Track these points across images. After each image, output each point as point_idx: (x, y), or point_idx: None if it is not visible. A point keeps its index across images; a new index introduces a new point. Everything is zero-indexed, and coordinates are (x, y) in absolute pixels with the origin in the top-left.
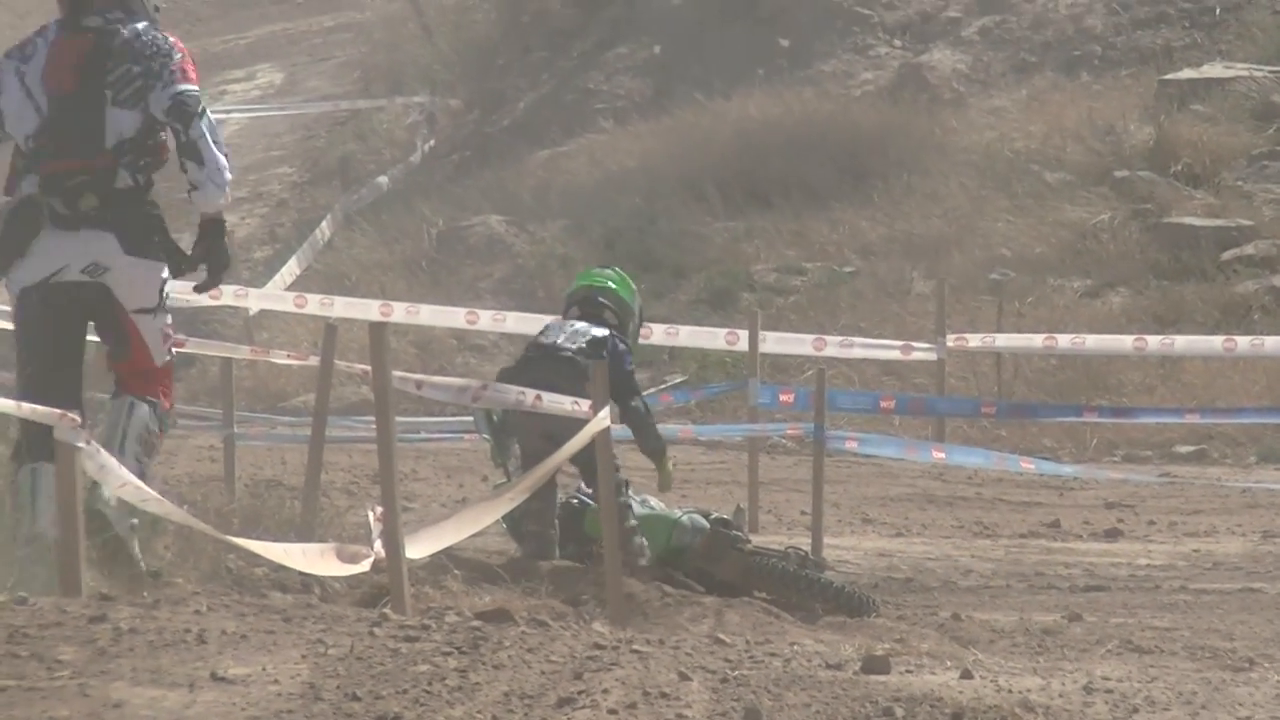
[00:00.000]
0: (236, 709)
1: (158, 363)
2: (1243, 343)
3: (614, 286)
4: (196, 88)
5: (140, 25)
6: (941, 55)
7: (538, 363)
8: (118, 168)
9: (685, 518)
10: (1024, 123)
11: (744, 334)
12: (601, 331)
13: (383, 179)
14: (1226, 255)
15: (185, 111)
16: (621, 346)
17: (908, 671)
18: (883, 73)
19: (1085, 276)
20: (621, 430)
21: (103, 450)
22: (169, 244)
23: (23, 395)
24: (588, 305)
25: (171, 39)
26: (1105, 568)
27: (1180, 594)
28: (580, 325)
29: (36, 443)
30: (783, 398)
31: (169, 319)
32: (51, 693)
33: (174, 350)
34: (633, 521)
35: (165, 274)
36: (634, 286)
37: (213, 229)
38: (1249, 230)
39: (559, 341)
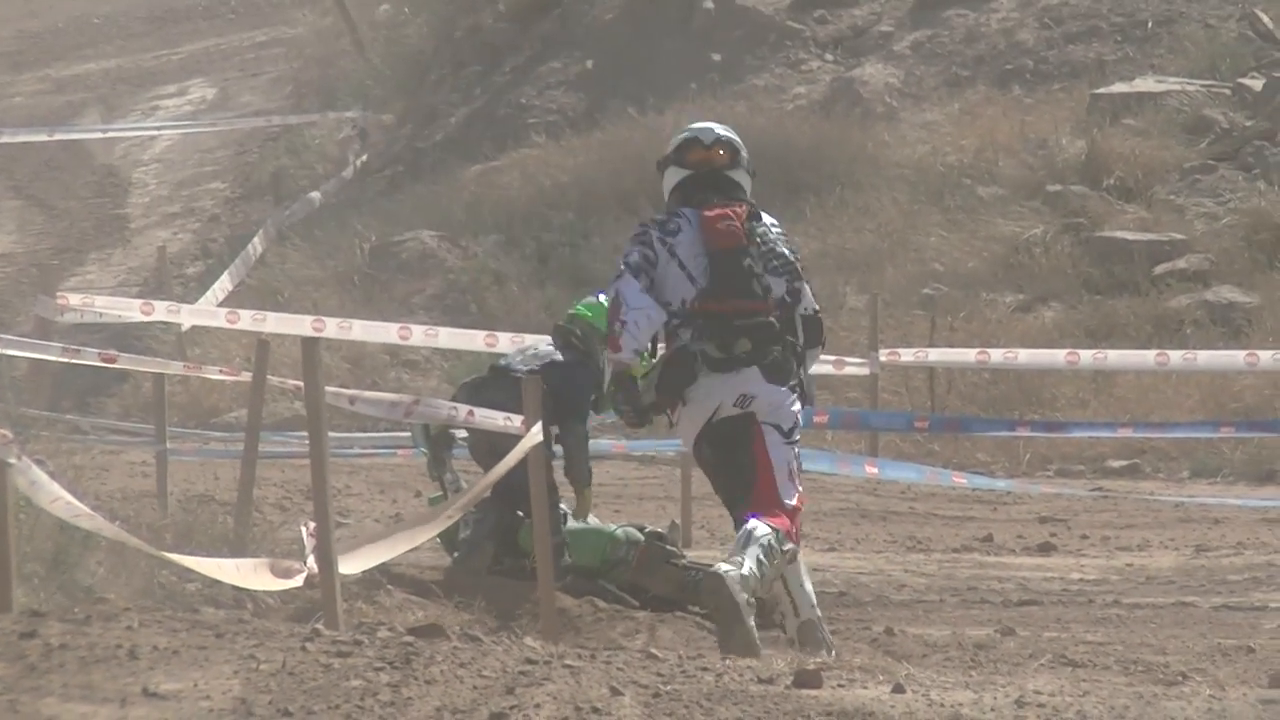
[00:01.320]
0: None
1: (785, 498)
2: (1175, 357)
3: (587, 314)
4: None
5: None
6: (874, 69)
7: (490, 383)
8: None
9: (620, 531)
10: (956, 137)
11: None
12: (561, 356)
13: (315, 194)
14: (1159, 269)
15: (814, 329)
16: (580, 372)
17: (840, 686)
18: (815, 87)
19: (1018, 291)
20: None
21: (34, 466)
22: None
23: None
24: (558, 334)
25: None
26: (1038, 582)
27: (1113, 608)
28: (543, 349)
29: None
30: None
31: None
32: None
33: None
34: (562, 535)
35: (797, 407)
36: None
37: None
38: (1181, 244)
39: (513, 363)
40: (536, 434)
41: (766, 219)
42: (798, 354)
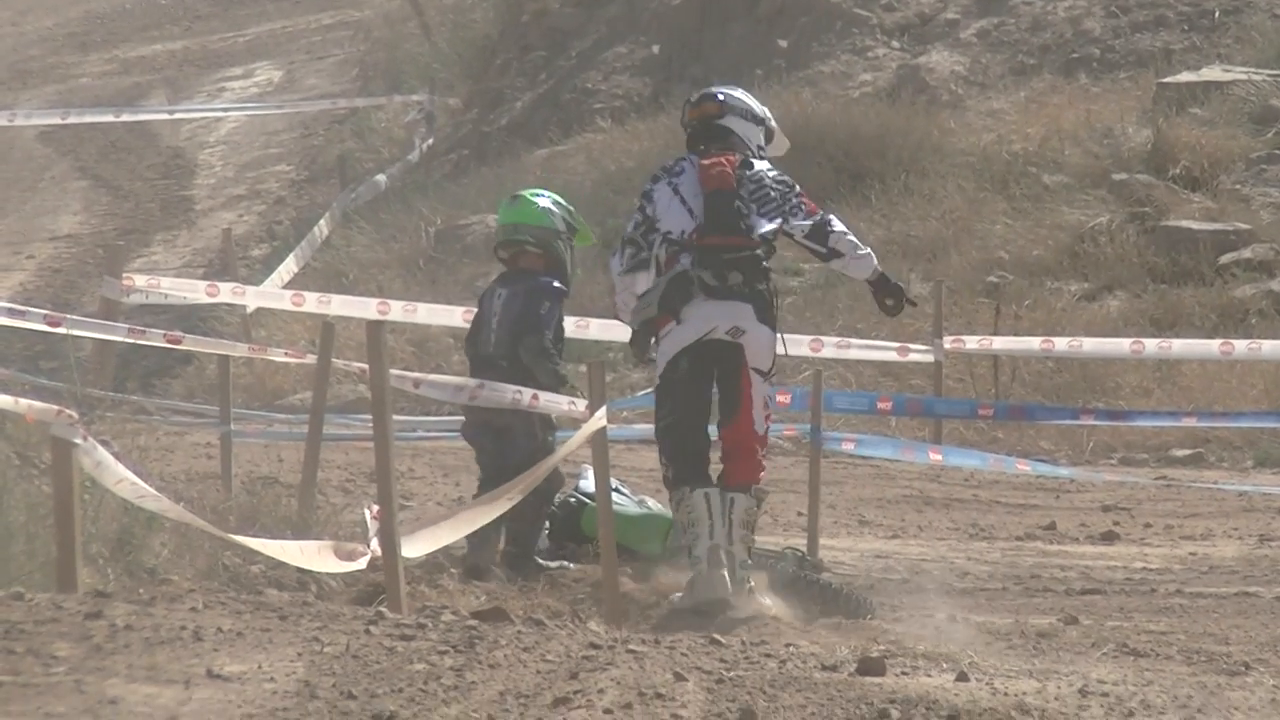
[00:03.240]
0: (232, 706)
1: (758, 429)
2: (1240, 346)
3: (528, 220)
4: (819, 214)
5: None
6: (940, 57)
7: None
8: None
9: None
10: (1022, 125)
11: None
12: (517, 301)
13: (381, 177)
14: (1224, 259)
15: (821, 232)
16: (541, 289)
17: (903, 673)
18: (881, 74)
19: (1083, 279)
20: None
21: (99, 446)
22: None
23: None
24: (510, 246)
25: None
26: (1101, 570)
27: (1176, 597)
28: (500, 310)
29: (690, 466)
30: (780, 398)
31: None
32: (47, 689)
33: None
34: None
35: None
36: (549, 198)
37: (880, 282)
38: (1246, 234)
39: (491, 351)
40: (600, 418)
41: (760, 165)
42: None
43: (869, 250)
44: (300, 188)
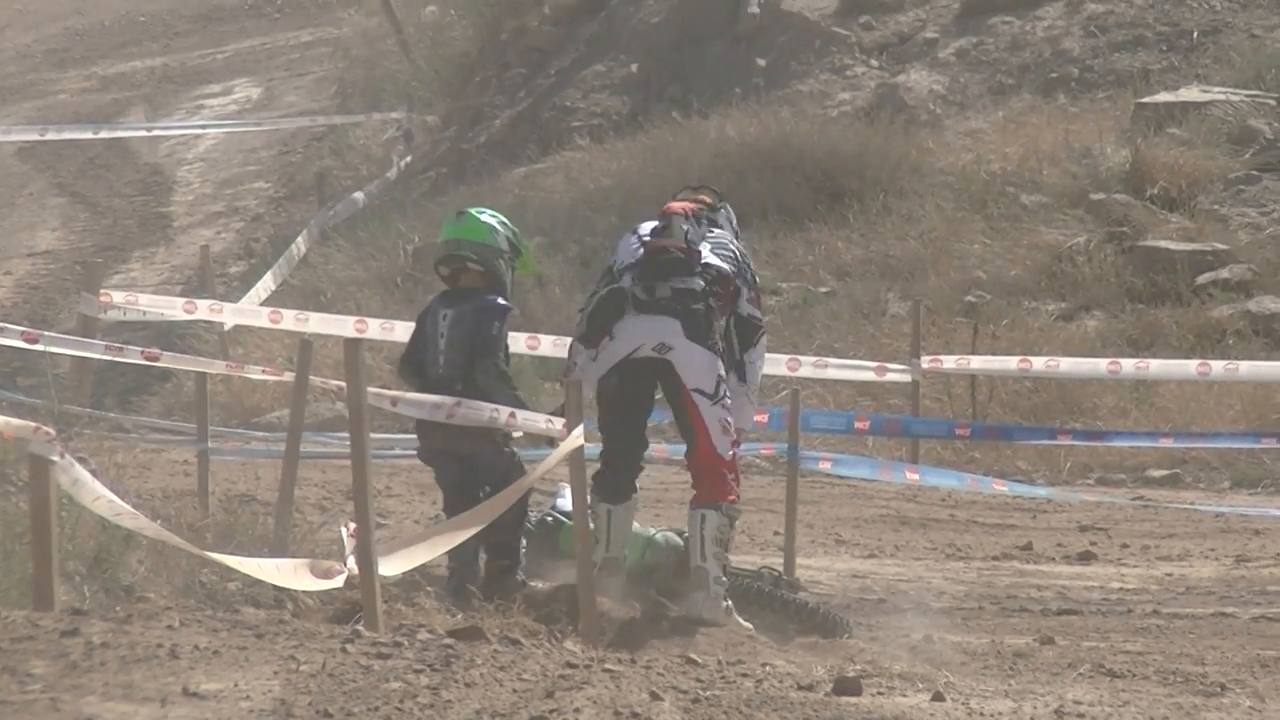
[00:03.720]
0: None
1: (722, 453)
2: (1217, 367)
3: (472, 236)
4: (761, 316)
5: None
6: (918, 76)
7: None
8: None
9: (660, 536)
10: (1000, 145)
11: None
12: (466, 321)
13: (359, 195)
14: (1202, 279)
15: (748, 331)
16: (491, 307)
17: (879, 693)
18: (860, 93)
19: (1060, 299)
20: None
21: (76, 464)
22: None
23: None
24: (452, 262)
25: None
26: (1078, 591)
27: (1153, 618)
28: (448, 331)
29: (608, 483)
30: (757, 418)
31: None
32: (23, 706)
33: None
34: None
35: (719, 369)
36: (495, 218)
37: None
38: (1225, 254)
39: (442, 373)
40: (577, 437)
41: (722, 230)
42: (718, 325)
43: (755, 402)
44: (278, 205)
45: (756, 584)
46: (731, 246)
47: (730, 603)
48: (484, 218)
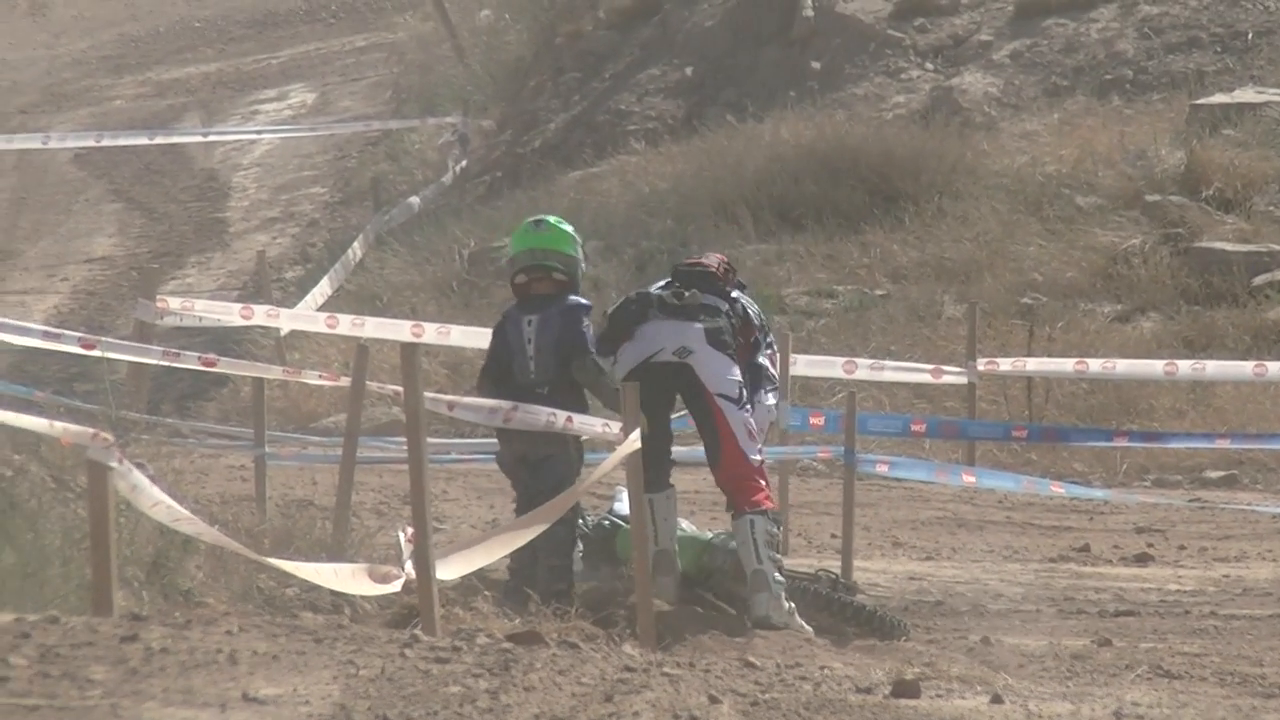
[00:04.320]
0: None
1: (752, 459)
2: (1274, 368)
3: (558, 246)
4: (775, 376)
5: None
6: (973, 79)
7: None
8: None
9: (717, 539)
10: (1055, 147)
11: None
12: (553, 325)
13: (414, 199)
14: (1258, 280)
15: (760, 378)
16: (577, 307)
17: (938, 696)
18: (914, 96)
19: (1116, 301)
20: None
21: (134, 470)
22: None
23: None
24: (535, 271)
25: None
26: (1135, 592)
27: (1210, 619)
28: (535, 337)
29: (650, 477)
30: (813, 420)
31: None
32: (83, 712)
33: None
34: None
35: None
36: (571, 231)
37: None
38: None
39: (532, 378)
40: (635, 440)
41: (744, 290)
42: (736, 342)
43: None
44: (334, 210)
45: (814, 587)
46: (753, 305)
47: (793, 604)
48: (566, 228)
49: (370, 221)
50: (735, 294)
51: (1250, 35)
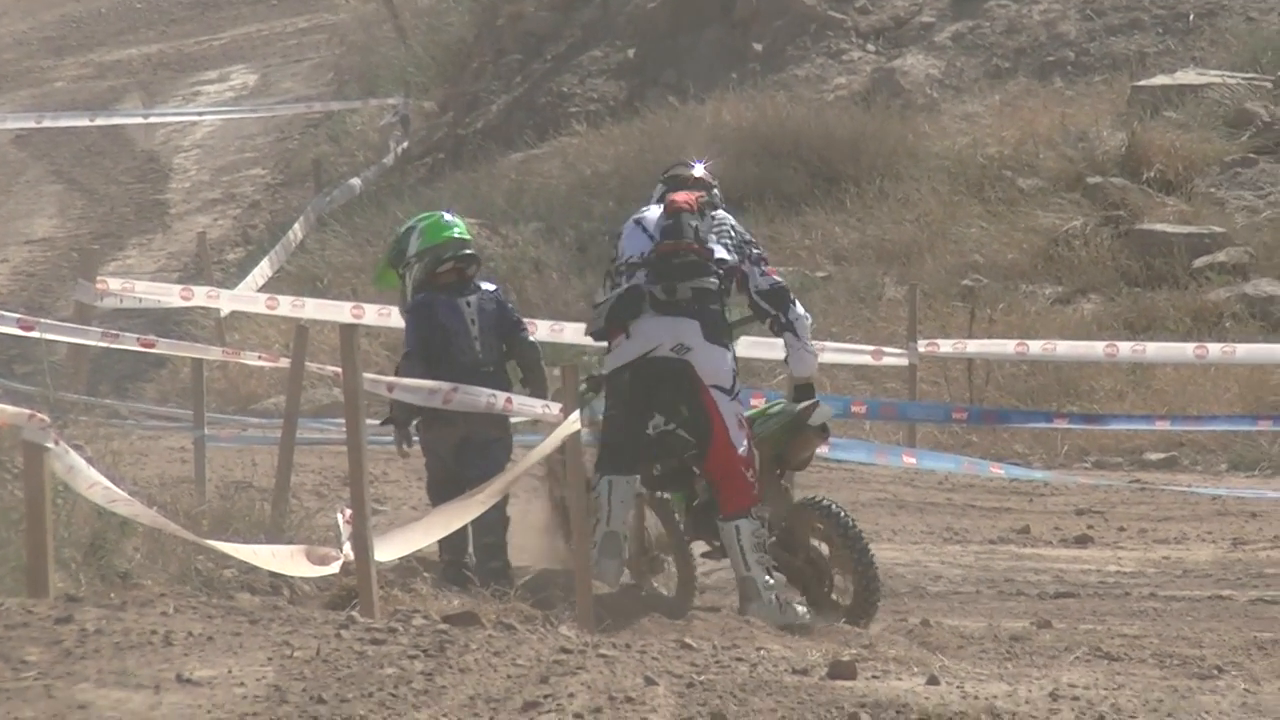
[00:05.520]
0: (201, 711)
1: (740, 450)
2: (1214, 350)
3: (469, 234)
4: (781, 279)
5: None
6: (915, 60)
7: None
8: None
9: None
10: (996, 128)
11: None
12: (490, 307)
13: (355, 181)
14: (1199, 262)
15: (780, 297)
16: (501, 294)
17: (874, 677)
18: (856, 77)
19: (1057, 283)
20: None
21: (71, 451)
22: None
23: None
24: (464, 260)
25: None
26: (1075, 574)
27: (1149, 601)
28: (477, 318)
29: (610, 458)
30: (754, 401)
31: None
32: (16, 693)
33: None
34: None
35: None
36: None
37: (807, 388)
38: (1221, 237)
39: (479, 358)
40: (574, 422)
41: (721, 212)
42: (728, 322)
43: (813, 352)
44: (275, 191)
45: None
46: (728, 225)
47: (781, 599)
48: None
49: (311, 203)
50: (716, 217)
51: (1192, 17)
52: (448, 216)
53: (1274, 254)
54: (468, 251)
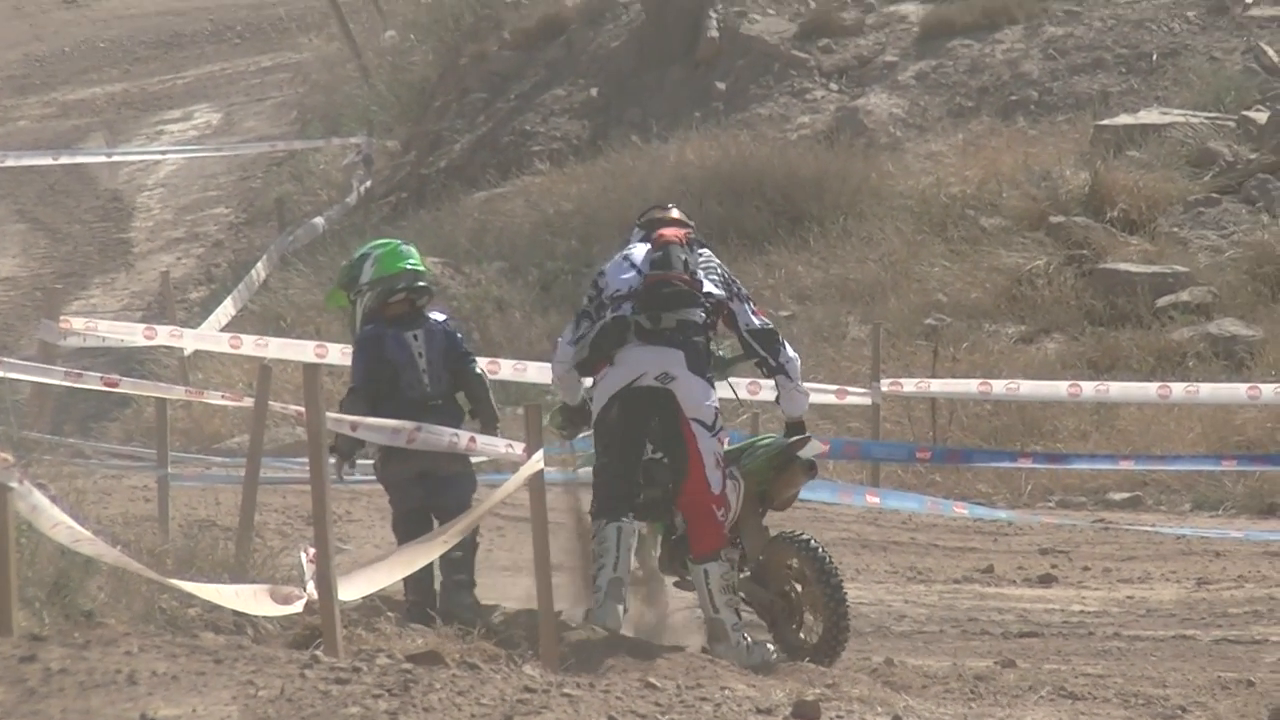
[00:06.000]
0: None
1: (714, 488)
2: (1177, 389)
3: (423, 265)
4: (769, 321)
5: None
6: (878, 100)
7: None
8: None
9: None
10: (960, 168)
11: None
12: (437, 340)
13: (319, 220)
14: (1162, 301)
15: (770, 339)
16: (450, 325)
17: (838, 717)
18: (819, 116)
19: (1020, 322)
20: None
21: (35, 490)
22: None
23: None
24: (416, 291)
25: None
26: (1039, 614)
27: (1114, 641)
28: (426, 350)
29: (611, 502)
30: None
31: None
32: None
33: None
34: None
35: (715, 400)
36: None
37: (798, 426)
38: (1184, 277)
39: (428, 391)
40: (537, 461)
41: (707, 250)
42: (716, 356)
43: (804, 393)
44: (238, 230)
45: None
46: (715, 264)
47: (749, 640)
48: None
49: (274, 242)
50: (703, 255)
51: (1154, 56)
52: (404, 247)
53: (1237, 294)
54: (420, 284)
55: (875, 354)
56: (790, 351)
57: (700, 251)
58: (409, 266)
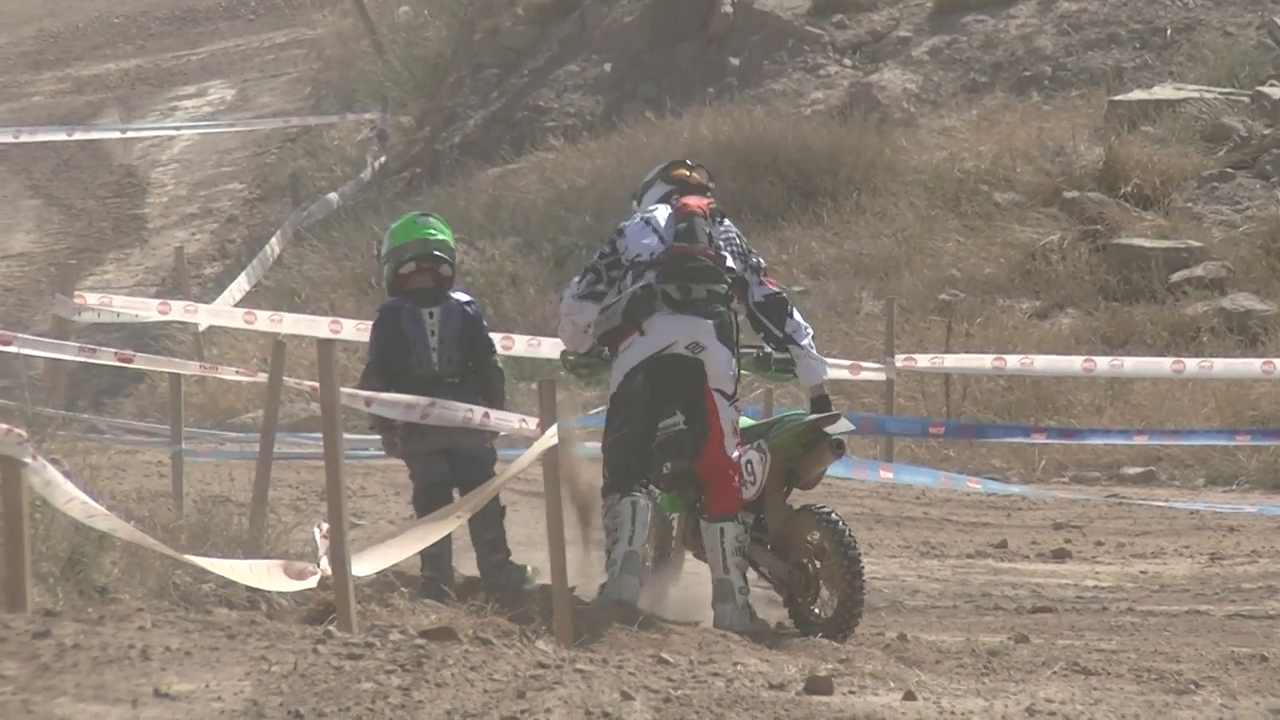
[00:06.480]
0: None
1: (732, 455)
2: (1191, 364)
3: (445, 237)
4: (780, 289)
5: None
6: (892, 75)
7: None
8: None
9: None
10: (974, 143)
11: None
12: (454, 319)
13: (333, 195)
14: (1176, 277)
15: (779, 307)
16: (475, 308)
17: (851, 693)
18: (833, 92)
19: (1034, 297)
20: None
21: (49, 465)
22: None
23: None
24: (426, 261)
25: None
26: (1052, 589)
27: (1127, 616)
28: (439, 329)
29: (626, 476)
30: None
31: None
32: None
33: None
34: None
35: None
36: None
37: (821, 401)
38: (1198, 252)
39: (438, 370)
40: (552, 436)
41: (728, 221)
42: (736, 327)
43: (819, 359)
44: (253, 206)
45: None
46: (734, 234)
47: (752, 607)
48: (445, 222)
49: (289, 218)
50: (723, 226)
51: (1169, 32)
52: (422, 218)
53: (1251, 268)
54: (435, 254)
55: (889, 329)
56: (798, 318)
57: (722, 223)
58: (420, 236)
